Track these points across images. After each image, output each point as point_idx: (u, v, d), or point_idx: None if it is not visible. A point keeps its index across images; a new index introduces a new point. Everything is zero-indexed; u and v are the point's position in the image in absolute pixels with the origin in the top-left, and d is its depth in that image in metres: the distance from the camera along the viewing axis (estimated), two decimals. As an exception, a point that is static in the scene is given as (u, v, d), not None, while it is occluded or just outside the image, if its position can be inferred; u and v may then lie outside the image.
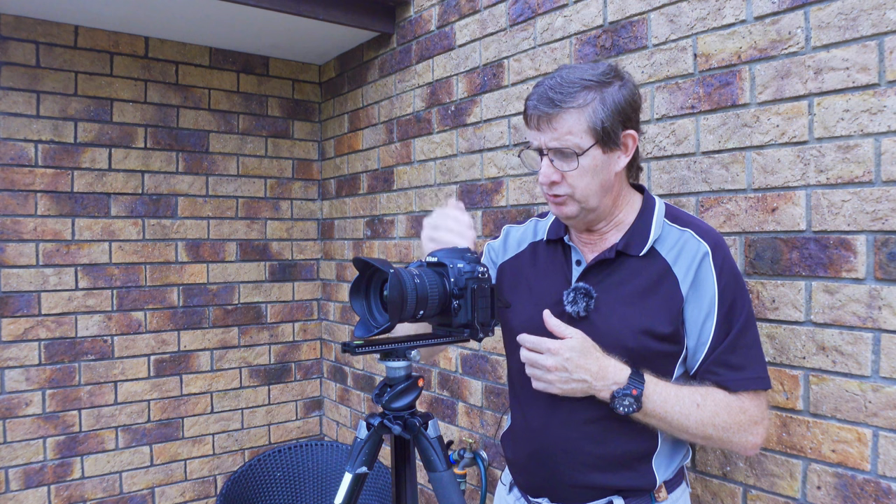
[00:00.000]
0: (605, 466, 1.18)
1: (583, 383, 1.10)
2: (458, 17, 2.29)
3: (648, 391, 1.09)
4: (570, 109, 1.12)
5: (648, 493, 1.20)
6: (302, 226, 3.24)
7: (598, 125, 1.12)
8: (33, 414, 2.53)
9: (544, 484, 1.25)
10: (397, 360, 1.12)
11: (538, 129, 1.15)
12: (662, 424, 1.12)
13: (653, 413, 1.10)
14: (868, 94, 1.23)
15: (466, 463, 2.20)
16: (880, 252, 1.22)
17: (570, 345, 1.10)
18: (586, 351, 1.11)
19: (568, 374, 1.09)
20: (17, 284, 2.51)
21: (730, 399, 1.13)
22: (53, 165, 2.57)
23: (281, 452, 2.51)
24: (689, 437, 1.14)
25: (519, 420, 1.30)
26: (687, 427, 1.11)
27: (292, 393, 3.21)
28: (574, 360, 1.09)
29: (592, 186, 1.16)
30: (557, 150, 1.14)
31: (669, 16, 1.59)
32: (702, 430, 1.12)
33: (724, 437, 1.13)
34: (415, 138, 2.55)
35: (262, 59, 3.08)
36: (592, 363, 1.10)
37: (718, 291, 1.14)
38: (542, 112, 1.13)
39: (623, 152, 1.17)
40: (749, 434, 1.14)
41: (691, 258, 1.16)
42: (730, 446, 1.15)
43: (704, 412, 1.11)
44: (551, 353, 1.10)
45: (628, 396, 1.08)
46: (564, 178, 1.15)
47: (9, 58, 2.47)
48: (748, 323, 1.16)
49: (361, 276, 1.06)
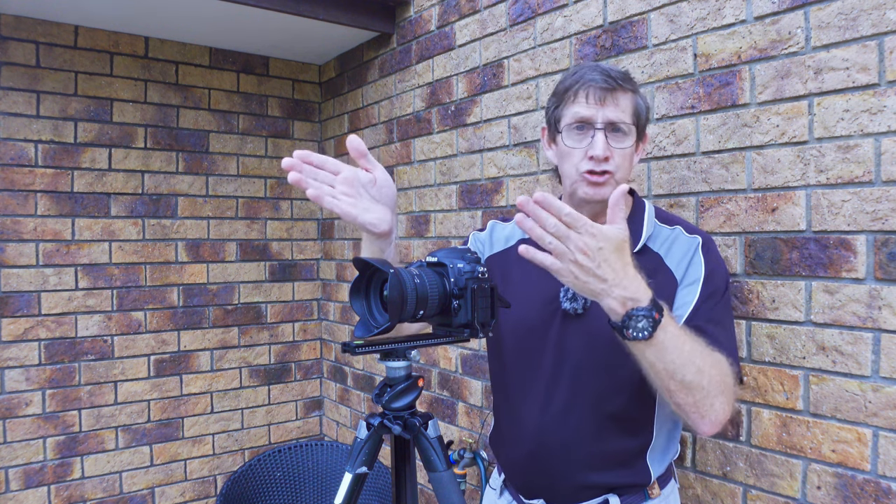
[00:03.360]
0: (602, 464, 1.18)
1: (601, 283, 0.93)
2: (458, 17, 2.29)
3: (666, 321, 0.96)
4: (629, 91, 1.18)
5: (643, 489, 1.21)
6: (302, 226, 3.24)
7: (642, 114, 1.20)
8: (33, 414, 2.53)
9: (541, 485, 1.24)
10: (397, 360, 1.12)
11: (600, 104, 1.15)
12: (659, 363, 0.99)
13: (660, 346, 0.97)
14: (868, 94, 1.23)
15: (466, 463, 2.20)
16: (880, 252, 1.22)
17: (611, 234, 0.93)
18: (622, 249, 0.94)
19: (594, 265, 0.92)
20: (17, 284, 2.51)
21: (721, 357, 1.06)
22: (53, 165, 2.57)
23: (281, 452, 2.51)
24: (677, 385, 1.01)
25: (511, 422, 1.29)
26: (687, 371, 0.99)
27: (292, 393, 3.21)
28: (605, 252, 0.92)
29: (629, 171, 1.21)
30: (615, 126, 1.16)
31: (669, 16, 1.59)
32: (698, 379, 1.00)
33: (712, 393, 1.02)
34: (415, 138, 2.55)
35: (262, 59, 3.08)
36: (620, 265, 0.94)
37: (705, 275, 1.15)
38: (611, 85, 1.15)
39: (637, 150, 1.23)
40: (726, 402, 1.05)
41: (684, 250, 1.18)
42: (707, 410, 1.03)
43: (706, 360, 1.02)
44: (590, 234, 0.91)
45: (646, 318, 0.94)
46: (613, 156, 1.16)
47: (9, 58, 2.47)
48: (725, 315, 1.16)
49: (361, 276, 1.06)
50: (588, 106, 1.16)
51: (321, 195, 1.03)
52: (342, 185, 1.06)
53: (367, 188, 1.09)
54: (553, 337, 1.21)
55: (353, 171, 1.09)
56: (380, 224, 1.09)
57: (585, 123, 1.17)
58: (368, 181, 1.09)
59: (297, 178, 1.02)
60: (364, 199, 1.09)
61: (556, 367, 1.21)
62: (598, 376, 1.17)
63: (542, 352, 1.22)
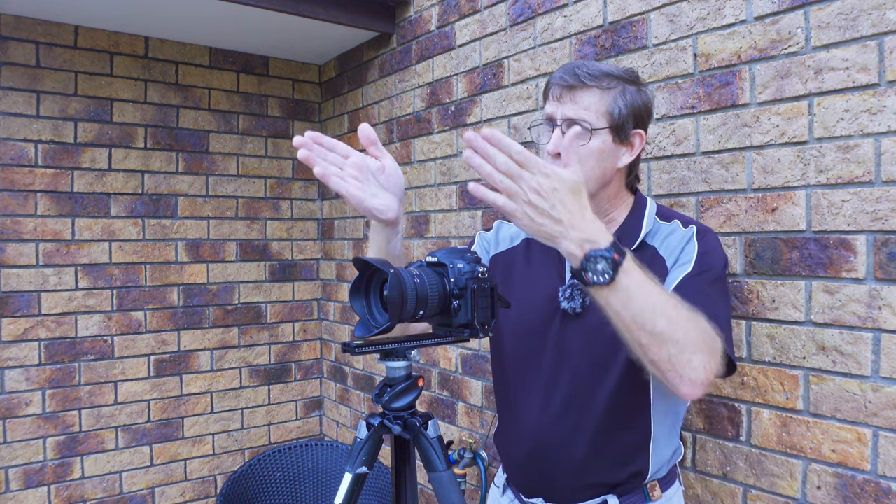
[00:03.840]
0: (600, 463, 1.19)
1: (557, 224, 0.91)
2: (458, 17, 2.29)
3: (628, 265, 0.92)
4: (594, 88, 1.15)
5: (642, 489, 1.21)
6: (302, 226, 3.24)
7: (616, 112, 1.16)
8: (33, 414, 2.53)
9: (539, 483, 1.25)
10: (397, 360, 1.12)
11: (559, 101, 1.17)
12: (625, 312, 0.93)
13: (624, 292, 0.92)
14: (868, 94, 1.23)
15: (466, 463, 2.20)
16: (880, 252, 1.22)
17: (566, 175, 0.91)
18: (578, 191, 0.92)
19: (548, 205, 0.90)
20: (17, 284, 2.51)
21: (705, 318, 1.00)
22: (53, 165, 2.57)
23: (281, 452, 2.51)
24: (648, 337, 0.94)
25: (511, 420, 1.30)
26: (656, 321, 0.93)
27: (292, 393, 3.21)
28: (560, 194, 0.90)
29: (595, 171, 1.17)
30: (572, 121, 1.15)
31: (669, 16, 1.59)
32: (671, 330, 0.93)
33: (687, 347, 0.95)
34: (415, 138, 2.55)
35: (262, 59, 3.08)
36: (576, 207, 0.91)
37: (697, 255, 1.13)
38: (568, 83, 1.15)
39: (629, 149, 1.20)
40: (709, 360, 0.98)
41: (678, 240, 1.18)
42: (683, 367, 0.96)
43: (681, 312, 0.96)
44: (543, 175, 0.90)
45: (604, 260, 0.89)
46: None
47: (9, 58, 2.47)
48: (719, 295, 1.12)
49: (361, 276, 1.07)
50: (550, 103, 1.19)
51: (328, 174, 1.04)
52: (350, 169, 1.07)
53: (375, 175, 1.10)
54: (552, 337, 1.21)
55: (363, 157, 1.10)
56: (386, 211, 1.11)
57: (549, 121, 1.19)
58: (377, 168, 1.10)
59: (306, 154, 1.03)
60: (371, 184, 1.10)
61: (556, 367, 1.21)
62: (596, 376, 1.17)
63: (542, 352, 1.22)
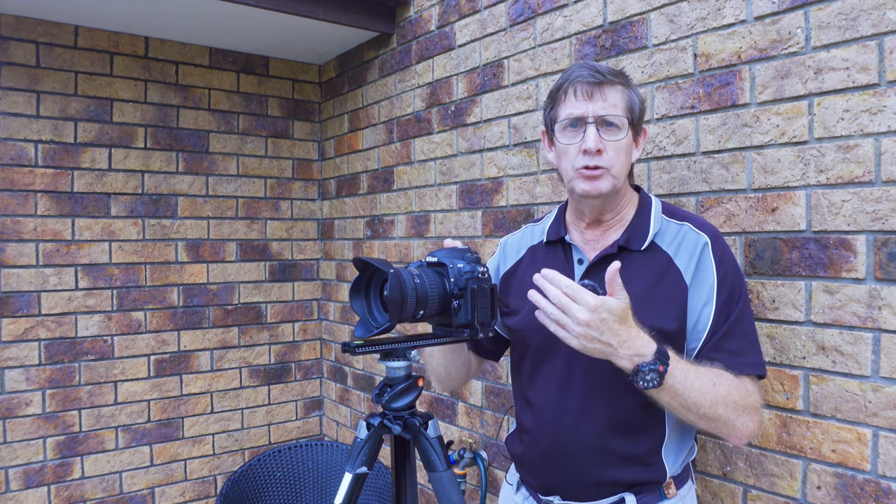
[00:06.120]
0: (617, 461, 1.19)
1: (607, 347, 1.03)
2: (458, 17, 2.29)
3: (672, 368, 1.05)
4: (618, 85, 1.19)
5: (658, 487, 1.21)
6: (302, 226, 3.24)
7: (635, 108, 1.20)
8: (33, 414, 2.53)
9: (557, 482, 1.25)
10: (397, 360, 1.12)
11: (588, 98, 1.17)
12: (674, 402, 1.08)
13: (671, 390, 1.06)
14: (868, 94, 1.23)
15: (466, 463, 2.20)
16: (880, 252, 1.22)
17: (612, 306, 1.02)
18: (624, 317, 1.03)
19: (598, 333, 1.02)
20: (17, 284, 2.51)
21: (737, 381, 1.12)
22: (53, 165, 2.57)
23: (281, 452, 2.51)
24: (696, 417, 1.09)
25: (529, 419, 1.31)
26: (700, 405, 1.07)
27: (292, 393, 3.21)
28: (608, 323, 1.02)
29: (626, 165, 1.21)
30: (605, 119, 1.17)
31: (669, 16, 1.59)
32: (713, 410, 1.08)
33: (731, 418, 1.09)
34: (415, 138, 2.55)
35: (262, 59, 3.08)
36: (623, 330, 1.03)
37: (717, 280, 1.16)
38: (597, 79, 1.17)
39: (637, 145, 1.24)
40: (750, 419, 1.12)
41: (692, 249, 1.18)
42: (730, 430, 1.11)
43: (719, 390, 1.08)
44: (590, 309, 1.01)
45: (653, 372, 1.03)
46: (606, 149, 1.17)
47: (9, 58, 2.47)
48: (745, 311, 1.17)
49: (361, 276, 1.07)
50: (577, 102, 1.18)
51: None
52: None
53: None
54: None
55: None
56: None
57: (577, 120, 1.18)
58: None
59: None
60: None
61: (570, 367, 1.22)
62: (609, 378, 1.17)
63: (556, 353, 1.23)
